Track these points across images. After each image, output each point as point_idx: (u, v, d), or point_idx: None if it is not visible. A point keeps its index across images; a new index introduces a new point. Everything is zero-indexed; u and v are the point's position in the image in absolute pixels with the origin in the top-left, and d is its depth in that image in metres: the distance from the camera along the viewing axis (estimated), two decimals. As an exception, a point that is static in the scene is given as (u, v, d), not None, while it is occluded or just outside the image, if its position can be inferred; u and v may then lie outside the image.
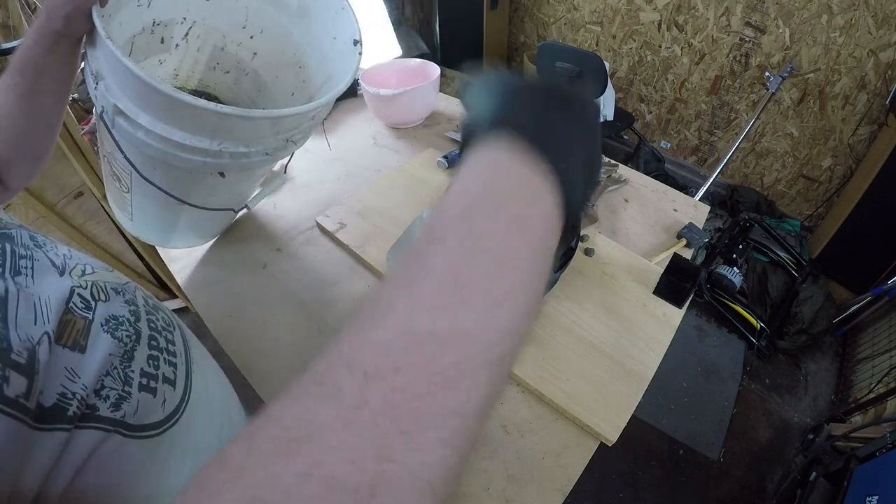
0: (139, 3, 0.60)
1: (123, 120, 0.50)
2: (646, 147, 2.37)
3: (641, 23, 2.25)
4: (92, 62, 0.49)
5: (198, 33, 0.70)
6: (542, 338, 0.65)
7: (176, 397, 0.38)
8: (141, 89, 0.46)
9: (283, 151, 0.58)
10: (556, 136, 0.23)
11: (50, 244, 0.36)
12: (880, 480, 1.04)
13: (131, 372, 0.34)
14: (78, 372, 0.30)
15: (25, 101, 0.47)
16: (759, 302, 1.85)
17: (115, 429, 0.32)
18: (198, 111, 0.46)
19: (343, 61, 0.62)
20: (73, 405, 0.29)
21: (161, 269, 1.72)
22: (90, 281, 0.36)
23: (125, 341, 0.35)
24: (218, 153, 0.51)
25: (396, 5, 2.49)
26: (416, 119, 1.13)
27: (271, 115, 0.49)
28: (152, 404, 0.35)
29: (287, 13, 0.69)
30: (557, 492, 0.52)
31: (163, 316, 0.43)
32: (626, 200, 0.91)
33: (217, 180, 0.59)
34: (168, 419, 0.36)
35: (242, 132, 0.51)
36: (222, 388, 0.50)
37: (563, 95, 0.25)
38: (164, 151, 0.51)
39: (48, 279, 0.33)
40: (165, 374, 0.38)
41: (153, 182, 0.57)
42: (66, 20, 0.45)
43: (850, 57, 1.75)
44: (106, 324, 0.34)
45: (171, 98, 0.45)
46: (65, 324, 0.31)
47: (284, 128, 0.54)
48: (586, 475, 0.54)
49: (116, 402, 0.32)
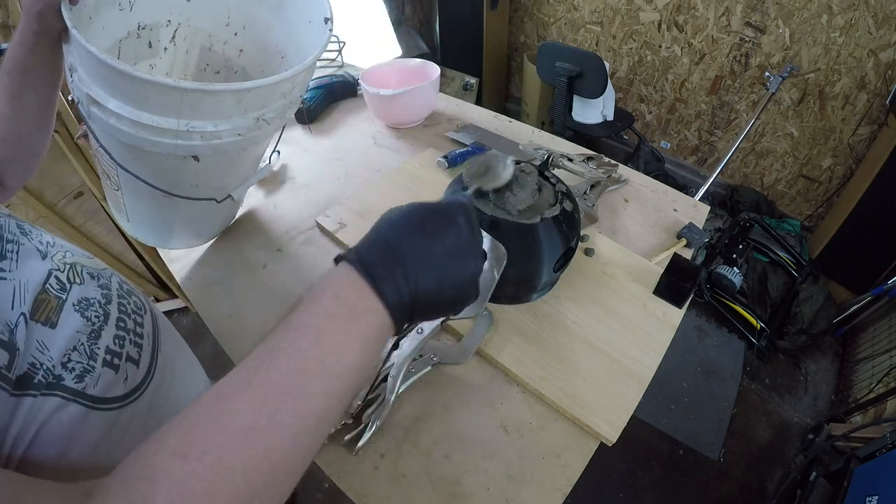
0: (121, 7, 0.61)
1: (96, 108, 0.51)
2: (646, 147, 2.37)
3: (641, 23, 2.25)
4: (67, 57, 0.50)
5: (184, 35, 0.70)
6: (542, 338, 0.65)
7: (138, 376, 0.41)
8: (106, 73, 0.47)
9: (256, 132, 0.57)
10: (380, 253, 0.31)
11: (36, 232, 0.40)
12: (880, 480, 1.04)
13: (97, 349, 0.37)
14: (47, 344, 0.34)
15: (16, 101, 0.50)
16: (759, 302, 1.85)
17: (76, 399, 0.35)
18: (160, 88, 0.47)
19: (317, 40, 0.62)
20: (39, 374, 0.33)
21: (161, 269, 1.72)
22: (68, 264, 0.40)
23: (93, 321, 0.38)
24: (187, 133, 0.52)
25: (396, 5, 2.49)
26: (416, 119, 1.13)
27: (232, 88, 0.50)
28: (114, 380, 0.38)
29: (266, 5, 0.70)
30: (557, 492, 0.52)
31: (135, 300, 0.46)
32: (626, 200, 0.91)
33: (196, 167, 0.59)
34: (129, 395, 0.40)
35: (207, 108, 0.51)
36: (193, 377, 0.54)
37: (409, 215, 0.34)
38: (135, 136, 0.52)
39: (31, 263, 0.36)
40: (130, 353, 0.41)
41: (133, 173, 0.58)
42: (39, 17, 0.47)
43: (850, 57, 1.75)
44: (78, 304, 0.38)
45: (132, 77, 0.46)
46: (39, 302, 0.35)
47: (251, 104, 0.54)
48: (586, 475, 0.54)
49: (80, 375, 0.35)
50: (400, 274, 0.31)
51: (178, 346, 0.52)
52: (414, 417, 0.58)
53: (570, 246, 0.64)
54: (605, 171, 0.92)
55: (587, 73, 1.98)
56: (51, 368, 0.34)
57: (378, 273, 0.30)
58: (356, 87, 1.26)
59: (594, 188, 0.89)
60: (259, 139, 0.60)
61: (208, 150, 0.55)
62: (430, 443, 0.56)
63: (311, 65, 0.57)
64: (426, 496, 0.52)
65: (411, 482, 0.53)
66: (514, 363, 0.62)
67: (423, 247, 0.32)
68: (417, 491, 0.52)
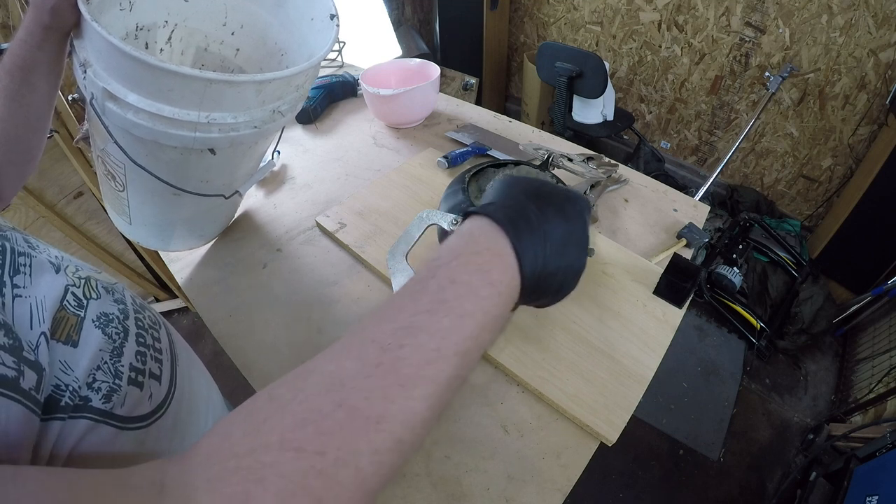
0: (121, 7, 0.61)
1: (113, 103, 0.50)
2: (646, 147, 2.37)
3: (641, 23, 2.25)
4: (80, 52, 0.50)
5: (180, 36, 0.70)
6: (542, 338, 0.65)
7: (161, 392, 0.40)
8: (128, 66, 0.47)
9: (271, 124, 0.58)
10: (523, 220, 0.31)
11: (42, 246, 0.38)
12: (880, 480, 1.04)
13: (121, 367, 0.36)
14: (71, 365, 0.32)
15: (14, 103, 0.49)
16: (759, 302, 1.85)
17: (105, 420, 0.33)
18: (183, 79, 0.47)
19: (322, 37, 0.63)
20: (65, 396, 0.31)
21: (161, 269, 1.72)
22: (82, 279, 0.38)
23: (114, 338, 0.37)
24: (206, 126, 0.52)
25: (396, 5, 2.49)
26: (416, 119, 1.13)
27: (255, 79, 0.50)
28: (140, 398, 0.37)
29: (265, 5, 0.70)
30: (557, 492, 0.52)
31: (149, 315, 0.44)
32: (626, 200, 0.91)
33: (209, 161, 0.59)
34: (154, 412, 0.38)
35: (228, 100, 0.52)
36: (205, 384, 0.53)
37: (548, 193, 0.34)
38: (153, 130, 0.52)
39: (45, 277, 0.34)
40: (152, 369, 0.40)
41: (146, 168, 0.58)
42: (53, 13, 0.46)
43: (850, 57, 1.75)
44: (97, 320, 0.36)
45: (157, 68, 0.46)
46: (59, 320, 0.33)
47: (269, 96, 0.55)
48: (586, 475, 0.54)
49: (107, 395, 0.34)
50: (540, 247, 0.30)
51: (191, 358, 0.51)
52: (414, 417, 0.58)
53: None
54: (605, 171, 0.92)
55: (587, 73, 1.99)
56: (77, 389, 0.32)
57: (523, 244, 0.30)
58: (356, 87, 1.26)
59: (594, 188, 0.89)
60: (271, 132, 0.61)
61: (225, 143, 0.56)
62: (430, 443, 0.56)
63: (324, 58, 0.58)
64: (426, 496, 0.52)
65: (411, 482, 0.53)
66: (514, 363, 0.62)
67: (562, 229, 0.32)
68: (417, 491, 0.52)
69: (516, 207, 0.32)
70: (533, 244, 0.30)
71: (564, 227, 0.32)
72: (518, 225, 0.30)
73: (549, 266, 0.31)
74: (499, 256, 0.29)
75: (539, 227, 0.31)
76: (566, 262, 0.33)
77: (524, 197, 0.33)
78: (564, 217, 0.33)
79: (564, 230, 0.32)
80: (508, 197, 0.33)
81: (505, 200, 0.33)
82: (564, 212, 0.33)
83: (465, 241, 0.30)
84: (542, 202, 0.33)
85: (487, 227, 0.30)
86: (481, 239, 0.30)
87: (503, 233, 0.30)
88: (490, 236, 0.30)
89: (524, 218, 0.31)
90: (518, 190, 0.34)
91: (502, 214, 0.31)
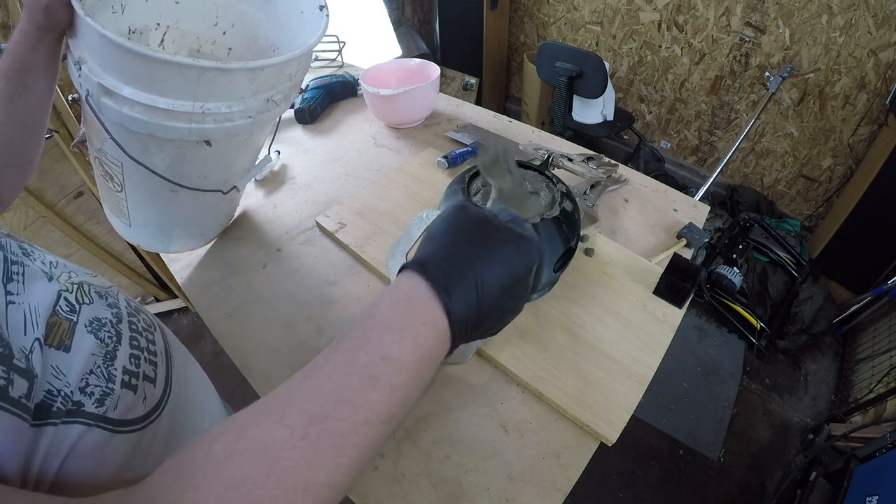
0: (113, 10, 0.61)
1: (108, 98, 0.51)
2: (646, 147, 2.37)
3: (641, 23, 2.25)
4: (74, 51, 0.50)
5: (173, 38, 0.70)
6: (542, 338, 0.65)
7: (156, 394, 0.40)
8: (121, 59, 0.47)
9: (266, 114, 0.59)
10: (458, 274, 0.31)
11: (37, 253, 0.38)
12: (880, 480, 1.04)
13: (114, 370, 0.36)
14: (63, 370, 0.32)
15: (11, 105, 0.49)
16: (759, 302, 1.85)
17: (98, 423, 0.33)
18: (177, 68, 0.47)
19: (313, 29, 0.63)
20: (57, 401, 0.31)
21: (161, 269, 1.72)
22: (75, 284, 0.38)
23: (107, 342, 0.37)
24: (201, 116, 0.53)
25: (396, 5, 2.49)
26: (416, 119, 1.13)
27: (247, 66, 0.51)
28: (134, 400, 0.37)
29: (254, 3, 0.70)
30: (557, 492, 0.52)
31: (144, 318, 0.45)
32: (626, 200, 0.91)
33: (206, 154, 0.59)
34: (149, 415, 0.38)
35: (221, 89, 0.52)
36: (202, 386, 0.53)
37: (491, 237, 0.33)
38: (149, 124, 0.52)
39: (38, 285, 0.35)
40: (146, 372, 0.40)
41: (143, 163, 0.58)
42: (46, 12, 0.46)
43: (850, 57, 1.75)
44: (89, 325, 0.36)
45: (151, 58, 0.46)
46: (51, 326, 0.33)
47: (262, 84, 0.55)
48: (586, 475, 0.54)
49: (100, 399, 0.34)
50: (473, 304, 0.31)
51: (187, 360, 0.51)
52: (414, 417, 0.58)
53: (570, 246, 0.64)
54: (605, 171, 0.92)
55: (587, 73, 1.99)
56: (69, 395, 0.32)
57: (454, 304, 0.30)
58: (356, 87, 1.26)
59: (594, 188, 0.89)
60: (265, 123, 0.62)
61: (220, 134, 0.56)
62: (430, 443, 0.56)
63: (314, 46, 0.58)
64: (426, 496, 0.52)
65: (411, 482, 0.53)
66: (514, 363, 0.62)
67: (500, 277, 0.32)
68: (417, 491, 0.52)
69: (453, 260, 0.32)
70: (466, 301, 0.30)
71: (502, 275, 0.32)
72: (452, 280, 0.30)
73: (481, 317, 0.32)
74: (433, 325, 0.30)
75: (473, 279, 0.31)
76: (501, 311, 0.33)
77: (464, 242, 0.33)
78: (503, 263, 0.32)
79: (502, 278, 0.32)
80: (446, 245, 0.33)
81: (441, 250, 0.33)
82: (504, 258, 0.33)
83: (401, 310, 0.30)
84: (483, 249, 0.32)
85: (424, 291, 0.30)
86: (418, 307, 0.30)
87: (437, 298, 0.30)
88: (425, 301, 0.30)
89: (459, 271, 0.31)
90: (461, 236, 0.33)
91: (438, 272, 0.31)
